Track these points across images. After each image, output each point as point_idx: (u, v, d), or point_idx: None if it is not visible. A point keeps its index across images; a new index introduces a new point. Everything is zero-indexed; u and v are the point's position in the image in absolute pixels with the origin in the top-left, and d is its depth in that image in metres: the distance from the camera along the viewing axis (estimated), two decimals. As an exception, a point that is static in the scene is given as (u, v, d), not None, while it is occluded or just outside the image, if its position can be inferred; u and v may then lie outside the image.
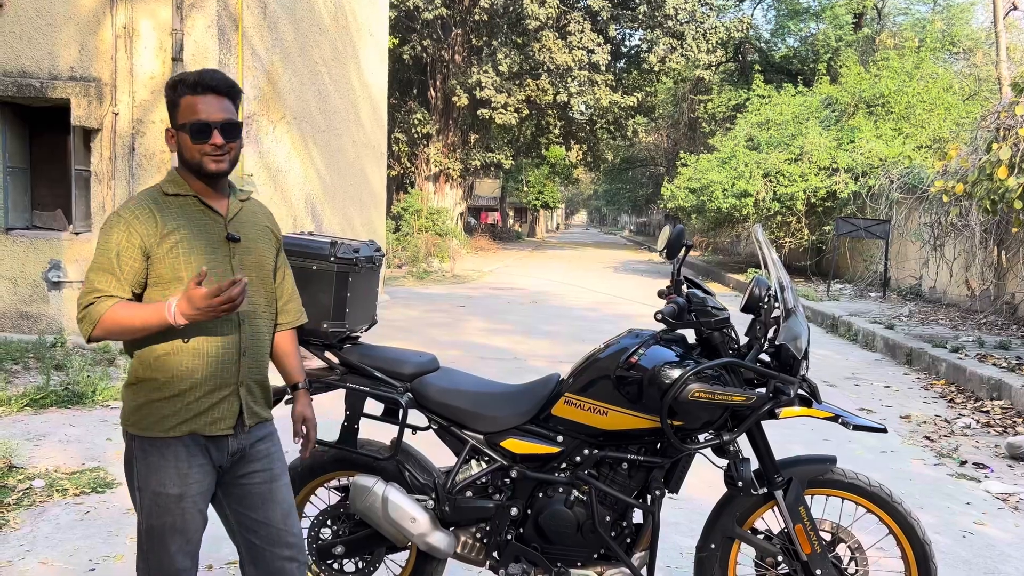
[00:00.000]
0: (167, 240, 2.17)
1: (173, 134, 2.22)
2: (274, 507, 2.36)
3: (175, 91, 2.21)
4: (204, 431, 2.22)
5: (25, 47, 8.17)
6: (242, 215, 2.34)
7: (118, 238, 2.15)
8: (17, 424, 5.52)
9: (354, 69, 12.51)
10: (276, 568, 2.37)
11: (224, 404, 2.25)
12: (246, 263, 2.30)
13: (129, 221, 2.16)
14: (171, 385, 2.19)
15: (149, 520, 2.23)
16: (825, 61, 25.52)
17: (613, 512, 2.77)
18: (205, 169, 2.21)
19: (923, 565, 2.73)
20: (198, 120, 2.17)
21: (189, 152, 2.20)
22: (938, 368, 8.39)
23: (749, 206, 17.06)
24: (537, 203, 46.60)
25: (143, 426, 2.21)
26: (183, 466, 2.20)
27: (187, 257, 2.18)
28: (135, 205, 2.19)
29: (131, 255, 2.15)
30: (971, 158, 10.20)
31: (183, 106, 2.19)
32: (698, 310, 2.69)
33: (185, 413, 2.20)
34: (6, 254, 8.32)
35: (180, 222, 2.20)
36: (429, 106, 27.00)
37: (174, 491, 2.20)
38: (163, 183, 2.27)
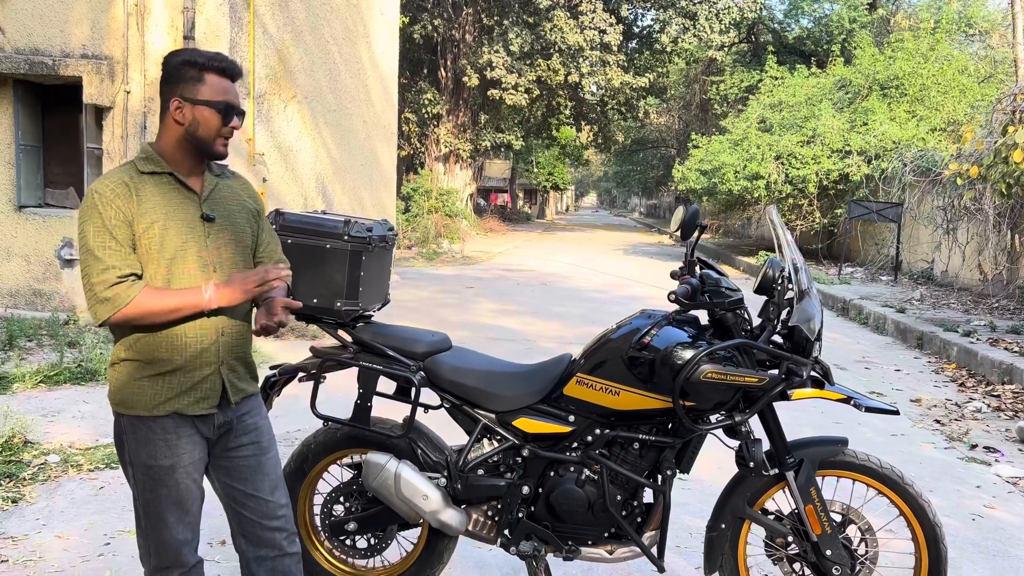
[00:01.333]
0: (143, 219, 2.15)
1: (180, 105, 2.19)
2: (263, 479, 2.38)
3: (202, 68, 2.19)
4: (187, 411, 2.23)
5: (37, 25, 8.17)
6: (217, 192, 2.32)
7: (107, 214, 2.12)
8: (32, 400, 5.57)
9: (365, 48, 12.47)
10: (266, 539, 2.39)
11: (206, 384, 2.25)
12: (222, 241, 2.28)
13: (110, 199, 2.12)
14: (152, 366, 2.20)
15: (144, 494, 2.25)
16: (839, 42, 25.26)
17: (624, 491, 2.78)
18: (215, 150, 2.23)
19: (934, 547, 2.73)
20: (228, 102, 2.21)
21: (208, 130, 2.20)
22: (949, 352, 8.36)
23: (761, 188, 16.97)
24: (547, 184, 46.47)
25: (128, 405, 2.22)
26: (171, 438, 2.22)
27: (162, 237, 2.17)
28: (112, 183, 2.15)
29: (124, 230, 2.13)
30: (986, 141, 10.11)
31: (210, 83, 2.19)
32: (712, 291, 2.69)
33: (168, 393, 2.21)
34: (19, 232, 8.36)
35: (156, 200, 2.18)
36: (439, 86, 26.90)
37: (165, 463, 2.22)
38: (137, 161, 2.23)
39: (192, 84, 2.19)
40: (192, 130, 2.20)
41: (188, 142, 2.21)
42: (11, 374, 5.94)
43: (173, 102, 2.19)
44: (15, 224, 8.36)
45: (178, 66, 2.21)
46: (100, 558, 3.42)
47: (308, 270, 2.78)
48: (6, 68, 8.08)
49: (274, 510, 2.39)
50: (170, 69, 2.21)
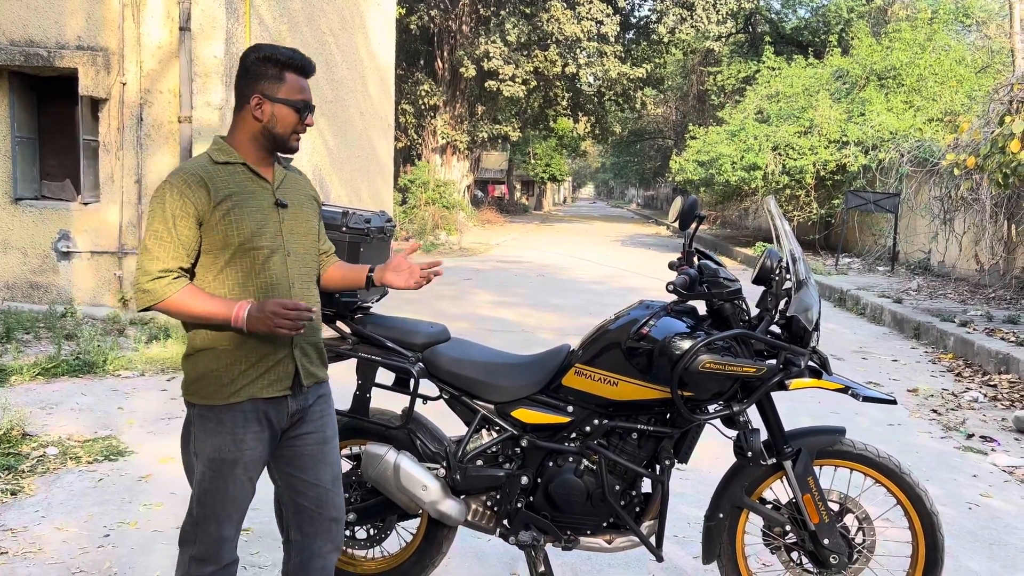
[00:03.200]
0: (220, 208, 2.20)
1: (261, 102, 2.24)
2: (325, 469, 2.43)
3: (282, 67, 2.25)
4: (261, 394, 2.27)
5: (32, 16, 8.13)
6: (287, 183, 2.40)
7: (172, 206, 2.18)
8: (30, 393, 5.57)
9: (361, 39, 12.43)
10: (323, 530, 2.44)
11: (279, 367, 2.29)
12: (295, 229, 2.35)
13: (182, 190, 2.18)
14: (227, 354, 2.24)
15: (203, 485, 2.28)
16: (836, 33, 25.20)
17: (622, 481, 2.79)
18: (289, 145, 2.31)
19: (930, 536, 2.75)
20: (306, 100, 2.28)
21: (285, 127, 2.27)
22: (946, 342, 8.38)
23: (758, 179, 16.96)
24: (544, 176, 46.44)
25: (203, 395, 2.26)
26: (239, 432, 2.25)
27: (239, 223, 2.23)
28: (186, 174, 2.22)
29: (186, 224, 2.18)
30: (983, 131, 10.12)
31: (289, 82, 2.25)
32: (710, 281, 2.69)
33: (243, 379, 2.24)
34: (15, 224, 8.35)
35: (232, 189, 2.24)
36: (436, 77, 26.83)
37: (229, 456, 2.25)
38: (211, 152, 2.30)
39: (273, 82, 2.24)
40: (270, 126, 2.26)
41: (264, 137, 2.28)
42: (9, 367, 5.94)
43: (254, 99, 2.24)
44: (11, 216, 8.35)
45: (258, 62, 2.25)
46: (100, 549, 3.42)
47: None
48: (1, 60, 8.05)
49: (333, 499, 2.44)
50: (248, 65, 2.26)
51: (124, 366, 6.29)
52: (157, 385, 5.97)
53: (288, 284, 2.30)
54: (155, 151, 8.14)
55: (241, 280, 2.25)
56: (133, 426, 5.02)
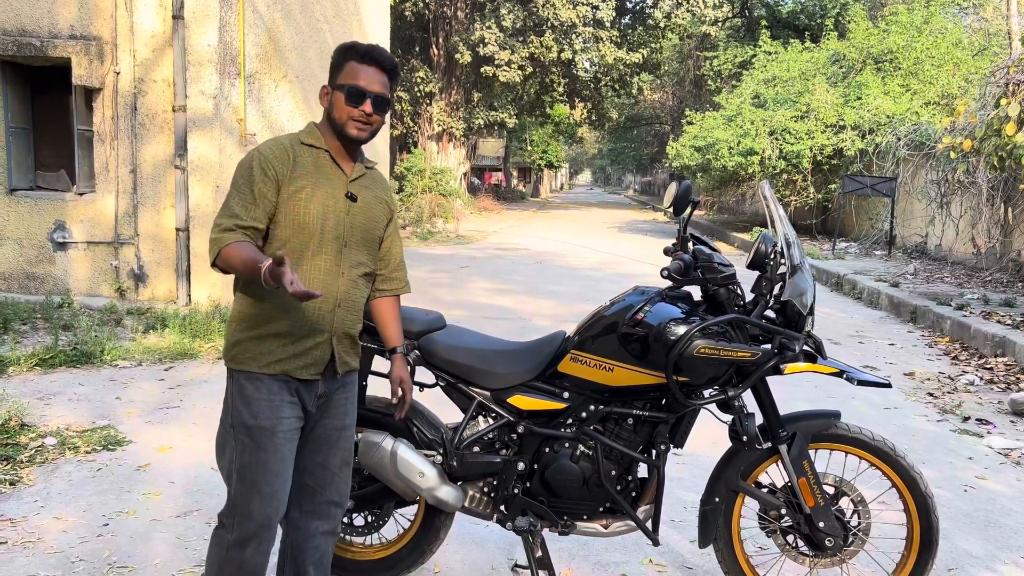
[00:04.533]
0: (295, 181, 2.32)
1: (328, 91, 2.38)
2: (336, 453, 2.50)
3: (344, 55, 2.37)
4: (296, 374, 2.34)
5: (24, 5, 8.08)
6: (363, 180, 2.47)
7: (258, 172, 2.29)
8: (27, 383, 5.57)
9: (356, 26, 12.37)
10: (322, 511, 2.51)
11: (317, 351, 2.36)
12: (358, 223, 2.43)
13: (267, 156, 2.31)
14: (268, 326, 2.33)
15: (243, 458, 2.32)
16: (833, 16, 25.10)
17: (618, 466, 2.80)
18: (347, 132, 2.35)
19: (925, 518, 2.76)
20: (356, 86, 2.33)
21: (339, 112, 2.34)
22: (942, 325, 8.40)
23: (755, 164, 16.94)
24: (541, 163, 46.36)
25: (240, 360, 2.34)
26: (275, 400, 2.32)
27: (308, 201, 2.33)
28: (274, 144, 2.35)
29: (268, 187, 2.29)
30: (979, 114, 10.10)
31: (346, 69, 2.35)
32: (704, 267, 2.70)
33: (280, 353, 2.32)
34: (11, 215, 8.33)
35: (310, 168, 2.35)
36: (431, 64, 26.73)
37: (267, 423, 2.31)
38: (301, 133, 2.42)
39: (335, 71, 2.38)
40: (329, 111, 2.38)
41: (330, 124, 2.39)
42: (6, 357, 5.94)
43: (323, 89, 2.40)
44: (7, 207, 8.32)
45: (334, 56, 2.41)
46: (99, 539, 3.43)
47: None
48: (-6, 50, 8.01)
49: (338, 484, 2.52)
50: (331, 59, 2.42)
51: (121, 356, 6.29)
52: (155, 375, 5.97)
53: (339, 272, 2.38)
54: (149, 140, 8.11)
55: (296, 258, 2.31)
56: (131, 416, 5.03)
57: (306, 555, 2.52)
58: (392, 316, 2.64)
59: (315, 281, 2.34)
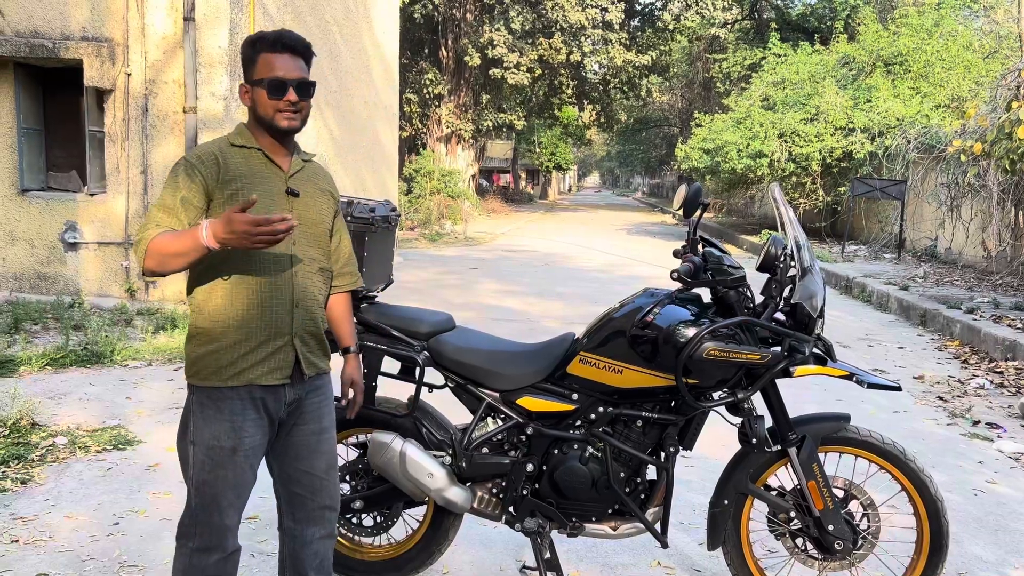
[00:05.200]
0: (228, 186, 2.23)
1: (247, 89, 2.29)
2: (319, 457, 2.45)
3: (253, 48, 2.27)
4: (260, 380, 2.27)
5: (37, 7, 8.14)
6: (303, 174, 2.40)
7: (184, 179, 2.22)
8: (39, 383, 5.60)
9: (365, 28, 12.41)
10: (316, 517, 2.47)
11: (279, 354, 2.29)
12: (304, 218, 2.36)
13: (194, 164, 2.23)
14: (226, 336, 2.25)
15: (202, 475, 2.28)
16: (843, 19, 25.05)
17: (627, 468, 2.80)
18: (278, 125, 2.27)
19: (935, 522, 2.75)
20: (275, 77, 2.24)
21: (264, 108, 2.26)
22: (952, 329, 8.37)
23: (764, 167, 16.90)
24: (549, 165, 46.33)
25: (202, 376, 2.27)
26: (237, 419, 2.26)
27: None
28: (201, 151, 2.27)
29: (194, 194, 2.21)
30: (990, 117, 10.06)
31: (260, 63, 2.26)
32: (714, 269, 2.70)
33: (242, 363, 2.25)
34: (23, 215, 8.38)
35: (243, 171, 2.27)
36: (440, 66, 26.77)
37: (227, 444, 2.26)
38: (231, 135, 2.34)
39: (249, 67, 2.28)
40: (253, 110, 2.29)
41: (258, 122, 2.31)
42: (17, 357, 5.97)
43: (242, 87, 2.31)
44: (18, 208, 8.37)
45: (243, 51, 2.31)
46: (109, 538, 3.45)
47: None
48: (6, 51, 8.06)
49: (327, 488, 2.48)
50: (241, 55, 2.32)
51: (132, 356, 6.32)
52: (165, 375, 6.00)
53: (292, 273, 2.30)
54: (160, 142, 8.15)
55: (244, 262, 2.24)
56: (141, 415, 5.05)
57: (306, 562, 2.50)
58: (344, 314, 2.56)
59: (267, 283, 2.26)
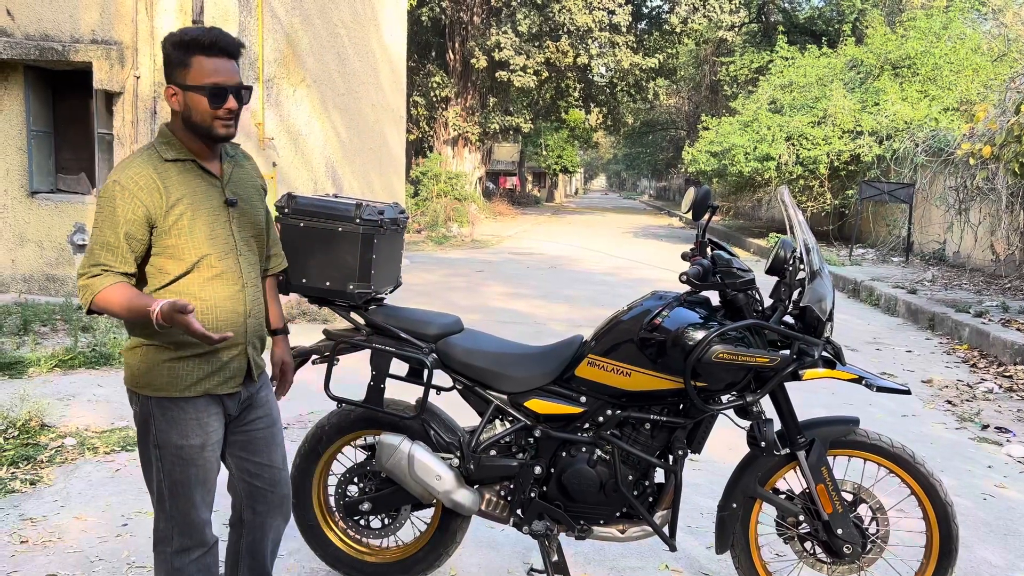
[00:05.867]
0: (173, 211, 2.14)
1: (175, 92, 2.15)
2: (276, 449, 2.51)
3: (186, 50, 2.12)
4: (216, 390, 2.28)
5: (47, 10, 8.18)
6: (235, 175, 2.35)
7: (123, 210, 2.10)
8: (47, 384, 5.62)
9: (373, 31, 12.44)
10: (277, 506, 2.52)
11: (234, 363, 2.31)
12: (244, 226, 2.33)
13: (134, 192, 2.11)
14: (182, 348, 2.21)
15: (172, 476, 2.27)
16: (850, 22, 25.00)
17: (635, 471, 2.80)
18: (216, 133, 2.18)
19: (945, 526, 2.74)
20: (216, 84, 2.13)
21: (201, 115, 2.15)
22: (961, 333, 8.33)
23: (771, 170, 16.87)
24: (556, 167, 46.33)
25: (156, 387, 2.22)
26: (203, 416, 2.27)
27: (191, 227, 2.18)
28: (136, 174, 2.13)
29: (137, 228, 2.12)
30: (999, 120, 10.02)
31: (195, 67, 2.12)
32: (723, 272, 2.69)
33: (199, 373, 2.24)
34: (32, 217, 8.41)
35: (184, 191, 2.17)
36: (447, 69, 26.81)
37: (196, 441, 2.26)
38: (159, 147, 2.20)
39: (180, 68, 2.13)
40: (187, 115, 2.16)
41: (189, 127, 2.19)
42: (26, 358, 6.00)
43: (168, 90, 2.17)
44: (28, 210, 8.41)
45: (169, 50, 2.15)
46: (118, 539, 3.46)
47: (320, 253, 2.79)
48: (16, 54, 8.10)
49: (284, 477, 2.54)
50: (165, 53, 2.16)
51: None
52: (172, 376, 6.00)
53: (242, 285, 2.29)
54: (169, 144, 8.18)
55: (198, 285, 2.21)
56: (149, 417, 5.06)
57: (265, 551, 2.54)
58: (273, 296, 2.60)
59: (222, 307, 2.24)
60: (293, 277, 2.80)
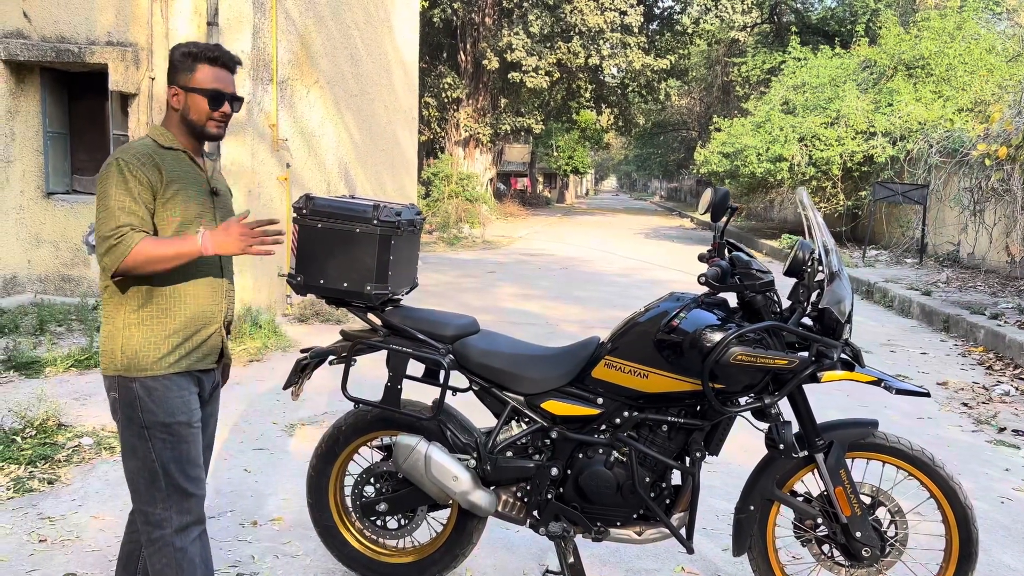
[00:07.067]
0: (169, 188, 2.36)
1: (177, 92, 2.41)
2: (210, 435, 2.64)
3: (194, 58, 2.41)
4: (196, 367, 2.44)
5: (63, 12, 8.23)
6: (214, 172, 2.61)
7: (133, 181, 2.29)
8: (64, 384, 5.66)
9: (386, 33, 12.46)
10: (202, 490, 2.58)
11: (211, 340, 2.47)
12: (224, 215, 2.54)
13: (137, 167, 2.30)
14: (164, 325, 2.37)
15: (164, 456, 2.37)
16: (863, 22, 24.87)
17: (653, 473, 2.79)
18: (209, 132, 2.44)
19: (964, 529, 2.73)
20: (216, 89, 2.41)
21: (198, 114, 2.41)
22: (976, 335, 8.28)
23: (784, 171, 16.81)
24: (567, 168, 46.29)
25: (141, 367, 2.34)
26: (185, 394, 2.40)
27: (185, 205, 2.39)
28: (137, 153, 2.34)
29: (147, 197, 2.31)
30: (1015, 121, 9.96)
31: (200, 72, 2.40)
32: (742, 273, 2.69)
33: (181, 351, 2.39)
34: (47, 218, 8.47)
35: (177, 174, 2.40)
36: (459, 70, 26.82)
37: (183, 418, 2.38)
38: (156, 136, 2.44)
39: (187, 73, 2.41)
40: (184, 113, 2.42)
41: (184, 124, 2.44)
42: (43, 358, 6.03)
43: (170, 90, 2.43)
44: (44, 211, 8.47)
45: (178, 57, 2.43)
46: (135, 538, 3.47)
47: (338, 254, 2.80)
48: (33, 56, 8.16)
49: (207, 461, 2.63)
50: (172, 60, 2.44)
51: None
52: (187, 377, 6.02)
53: (220, 266, 2.48)
54: (183, 145, 8.21)
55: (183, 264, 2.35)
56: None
57: None
58: None
59: (204, 282, 2.43)
60: (310, 278, 2.81)
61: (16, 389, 5.45)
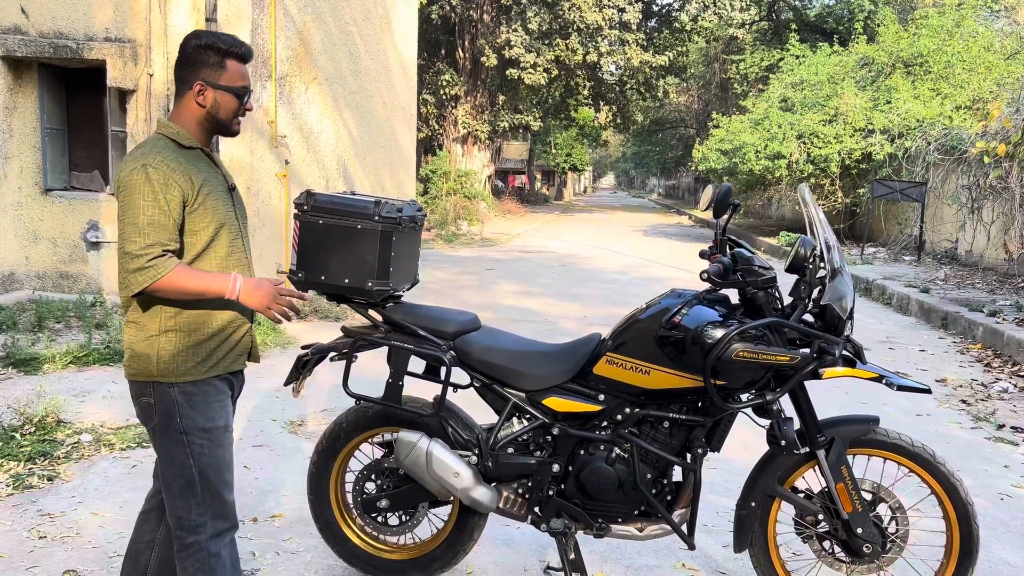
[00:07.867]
0: (200, 192, 2.28)
1: (204, 87, 2.30)
2: None
3: (224, 54, 2.30)
4: (232, 367, 2.42)
5: (60, 8, 8.21)
6: (223, 169, 2.53)
7: (163, 191, 2.19)
8: (63, 381, 5.65)
9: (384, 29, 12.45)
10: None
11: (245, 339, 2.45)
12: (240, 211, 2.50)
13: (167, 174, 2.21)
14: (204, 329, 2.32)
15: (201, 461, 2.33)
16: (862, 20, 24.86)
17: (654, 470, 2.79)
18: (232, 129, 2.39)
19: (965, 526, 2.73)
20: (246, 87, 2.36)
21: (227, 113, 2.35)
22: (974, 332, 8.29)
23: (782, 168, 16.81)
24: (565, 166, 46.26)
25: (181, 372, 2.30)
26: (222, 397, 2.39)
27: (214, 207, 2.32)
28: (166, 158, 2.23)
29: (176, 209, 2.23)
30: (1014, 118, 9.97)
31: (231, 69, 2.32)
32: (744, 270, 2.68)
33: (219, 353, 2.36)
34: (45, 215, 8.45)
35: (204, 175, 2.32)
36: (457, 67, 26.79)
37: (221, 423, 2.37)
38: (172, 135, 2.32)
39: (215, 69, 2.30)
40: (213, 112, 2.33)
41: (208, 122, 2.35)
42: (42, 355, 6.02)
43: (196, 85, 2.30)
44: (41, 207, 8.45)
45: (198, 50, 2.29)
46: (136, 534, 3.47)
47: (339, 250, 2.79)
48: (31, 52, 8.14)
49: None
50: (190, 52, 2.30)
51: (154, 355, 6.36)
52: (186, 373, 6.02)
53: (248, 262, 2.46)
54: (182, 142, 8.20)
55: (219, 262, 2.34)
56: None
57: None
58: None
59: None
60: (311, 274, 2.80)
61: (15, 385, 5.44)
